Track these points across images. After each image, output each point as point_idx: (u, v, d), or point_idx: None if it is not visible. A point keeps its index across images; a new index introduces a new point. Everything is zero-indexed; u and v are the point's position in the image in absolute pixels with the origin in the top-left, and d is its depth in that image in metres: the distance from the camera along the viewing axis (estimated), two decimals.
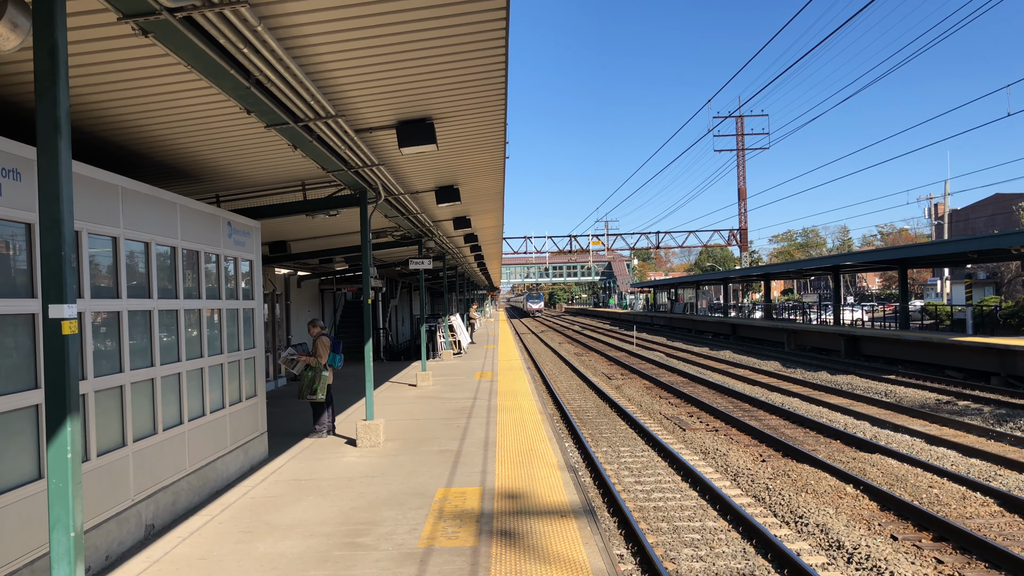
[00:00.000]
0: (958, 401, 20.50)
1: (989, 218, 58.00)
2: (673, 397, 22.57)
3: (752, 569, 8.50)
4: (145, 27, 5.08)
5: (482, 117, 9.33)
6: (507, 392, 18.45)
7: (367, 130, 9.07)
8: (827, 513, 10.38)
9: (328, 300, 29.09)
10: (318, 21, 5.70)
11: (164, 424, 8.17)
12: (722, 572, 8.46)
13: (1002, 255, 30.25)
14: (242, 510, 8.59)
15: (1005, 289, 46.60)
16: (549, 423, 14.02)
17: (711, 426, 17.47)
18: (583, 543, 7.16)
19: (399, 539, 7.40)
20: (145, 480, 7.70)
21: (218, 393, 9.70)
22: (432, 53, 6.74)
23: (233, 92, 6.59)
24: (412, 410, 15.89)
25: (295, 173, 11.41)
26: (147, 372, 7.83)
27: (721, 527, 10.01)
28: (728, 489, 11.89)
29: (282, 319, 22.43)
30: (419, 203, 15.61)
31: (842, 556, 8.89)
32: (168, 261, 8.49)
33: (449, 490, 9.22)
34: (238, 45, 5.60)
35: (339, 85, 7.28)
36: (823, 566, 8.57)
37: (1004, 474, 12.33)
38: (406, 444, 12.17)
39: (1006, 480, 11.92)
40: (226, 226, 10.15)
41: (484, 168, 12.99)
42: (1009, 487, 11.54)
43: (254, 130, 8.43)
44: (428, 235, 20.42)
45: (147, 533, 7.69)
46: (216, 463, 9.50)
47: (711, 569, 8.55)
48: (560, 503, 8.54)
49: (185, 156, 9.39)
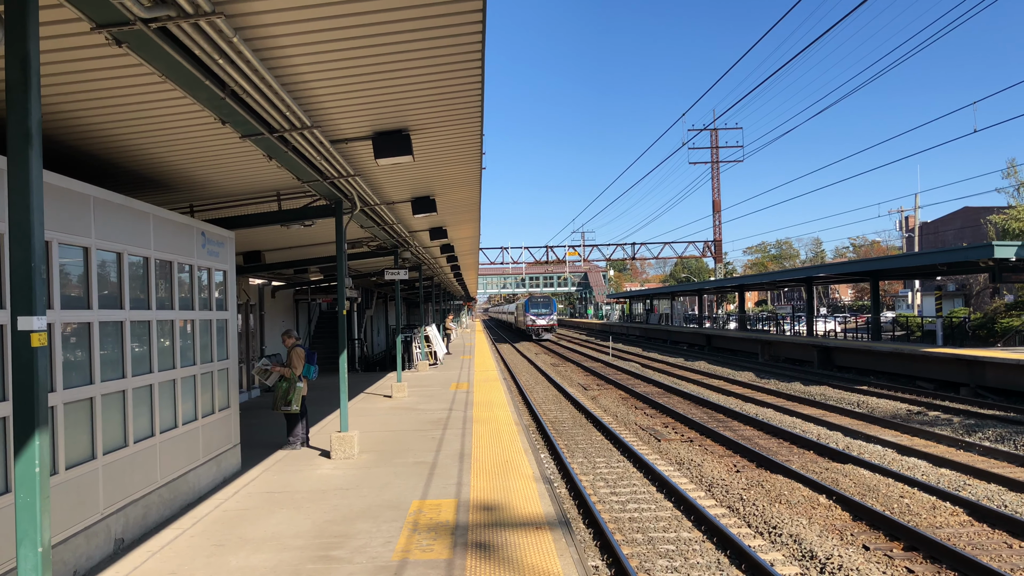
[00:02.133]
0: (929, 412, 20.76)
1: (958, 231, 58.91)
2: (648, 408, 22.65)
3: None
4: (119, 37, 5.05)
5: (459, 129, 9.35)
6: (483, 403, 18.43)
7: (343, 141, 9.05)
8: (800, 523, 10.45)
9: (303, 310, 28.91)
10: (294, 33, 5.70)
11: (135, 436, 8.07)
12: None
13: (971, 267, 30.72)
14: (214, 523, 8.49)
15: (974, 301, 47.30)
16: (525, 434, 14.01)
17: (686, 437, 17.55)
18: (558, 555, 7.16)
19: (373, 552, 7.35)
20: (115, 493, 7.60)
21: (191, 405, 9.60)
22: (409, 65, 6.75)
23: (208, 103, 6.56)
24: (387, 421, 15.82)
25: (270, 183, 11.36)
26: (118, 384, 7.73)
27: (696, 538, 10.05)
28: (703, 500, 11.95)
29: (256, 330, 22.25)
30: (395, 214, 15.59)
31: (815, 566, 8.95)
32: (140, 271, 8.41)
33: (424, 502, 9.18)
34: (213, 56, 5.58)
35: (315, 96, 7.27)
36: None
37: (973, 484, 12.49)
38: (381, 456, 12.11)
39: (975, 490, 12.08)
40: (200, 236, 10.08)
41: (461, 179, 13.01)
42: (978, 497, 11.69)
43: (229, 140, 8.38)
44: (404, 246, 20.38)
45: (116, 547, 7.58)
46: (188, 476, 9.39)
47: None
48: (535, 515, 8.54)
49: (159, 166, 9.32)
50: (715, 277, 75.68)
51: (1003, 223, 43.72)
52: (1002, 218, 44.24)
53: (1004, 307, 38.05)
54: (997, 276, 26.62)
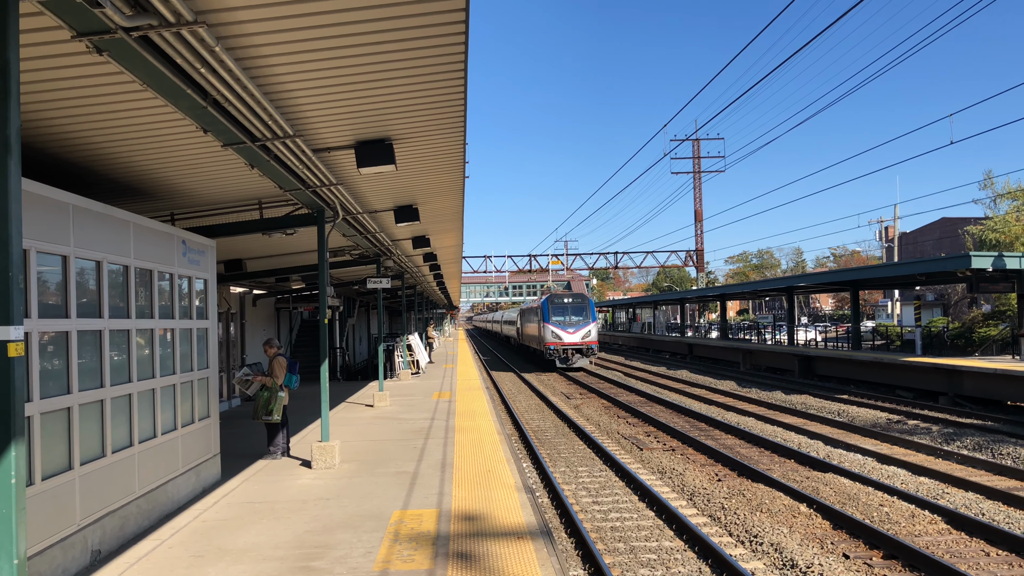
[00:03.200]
0: (908, 420, 20.93)
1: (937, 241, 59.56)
2: (631, 417, 22.70)
3: None
4: (100, 45, 5.03)
5: (441, 138, 9.36)
6: (465, 412, 18.39)
7: (325, 150, 9.04)
8: (781, 532, 10.50)
9: (284, 319, 28.75)
10: (277, 43, 5.70)
11: (113, 446, 7.99)
12: None
13: (949, 277, 31.05)
14: (193, 534, 8.42)
15: (952, 310, 47.82)
16: (507, 443, 14.00)
17: (668, 445, 17.59)
18: (539, 565, 7.16)
19: (354, 562, 7.31)
20: (92, 504, 7.52)
21: (170, 414, 9.52)
22: (392, 75, 6.77)
23: (190, 111, 6.53)
24: (369, 431, 15.75)
25: (252, 192, 11.32)
26: (96, 393, 7.66)
27: (677, 547, 10.07)
28: (684, 509, 11.98)
29: (237, 338, 22.11)
30: (378, 222, 15.57)
31: (796, 575, 9.00)
32: (120, 280, 8.35)
33: (405, 512, 9.15)
34: (195, 65, 5.56)
35: (297, 105, 7.26)
36: None
37: (951, 492, 12.60)
38: (362, 466, 12.05)
39: (953, 498, 12.18)
40: (181, 244, 10.02)
41: (444, 188, 13.02)
42: (956, 505, 11.79)
43: (211, 149, 8.35)
44: (387, 254, 20.35)
45: (93, 559, 7.50)
46: (167, 486, 9.31)
47: None
48: (517, 524, 8.53)
49: (140, 174, 9.27)
50: (697, 286, 76.01)
51: (980, 234, 44.26)
52: (979, 229, 44.79)
53: (981, 317, 38.49)
54: (975, 286, 26.91)
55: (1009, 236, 41.14)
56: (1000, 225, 42.72)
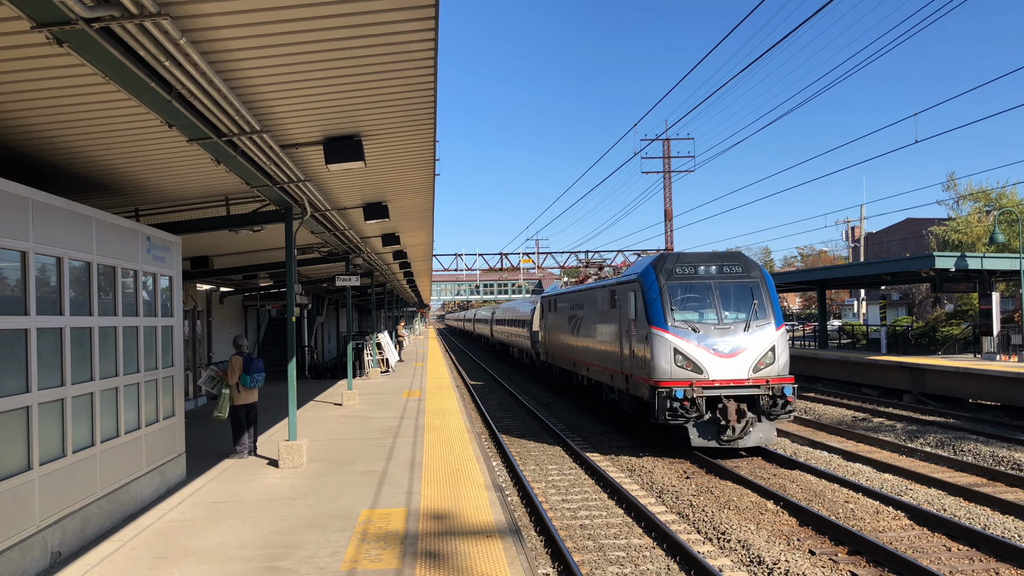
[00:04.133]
0: (873, 418, 21.23)
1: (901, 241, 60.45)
2: (601, 416, 22.75)
3: None
4: (60, 37, 4.92)
5: (411, 135, 9.30)
6: (435, 411, 18.33)
7: (293, 146, 8.94)
8: (748, 529, 10.59)
9: (252, 317, 28.45)
10: (244, 36, 5.61)
11: (74, 446, 7.83)
12: None
13: (914, 277, 31.58)
14: (156, 535, 8.29)
15: (917, 309, 48.59)
16: (477, 442, 13.97)
17: (638, 443, 17.66)
18: (508, 563, 7.14)
19: (321, 562, 7.25)
20: (52, 505, 7.36)
21: (133, 413, 9.36)
22: (361, 71, 6.70)
23: (154, 105, 6.42)
24: (337, 430, 15.63)
25: (219, 188, 11.17)
26: (57, 392, 7.50)
27: (646, 544, 10.12)
28: (653, 506, 12.03)
29: (203, 336, 21.84)
30: (347, 219, 15.45)
31: (763, 571, 9.07)
32: (82, 277, 8.18)
33: (374, 511, 9.08)
34: (159, 58, 5.46)
35: (265, 100, 7.17)
36: None
37: (915, 488, 12.80)
38: (330, 465, 11.95)
39: (916, 494, 12.37)
40: (145, 241, 9.86)
41: (414, 185, 12.95)
42: (919, 501, 11.98)
43: (176, 144, 8.22)
44: (356, 252, 20.21)
45: (53, 561, 7.35)
46: (130, 486, 9.16)
47: None
48: (486, 523, 8.50)
49: (103, 169, 9.10)
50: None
51: (943, 234, 45.03)
52: (942, 230, 45.58)
53: (944, 316, 39.17)
54: (938, 286, 27.39)
55: (971, 237, 41.92)
56: (962, 226, 43.52)
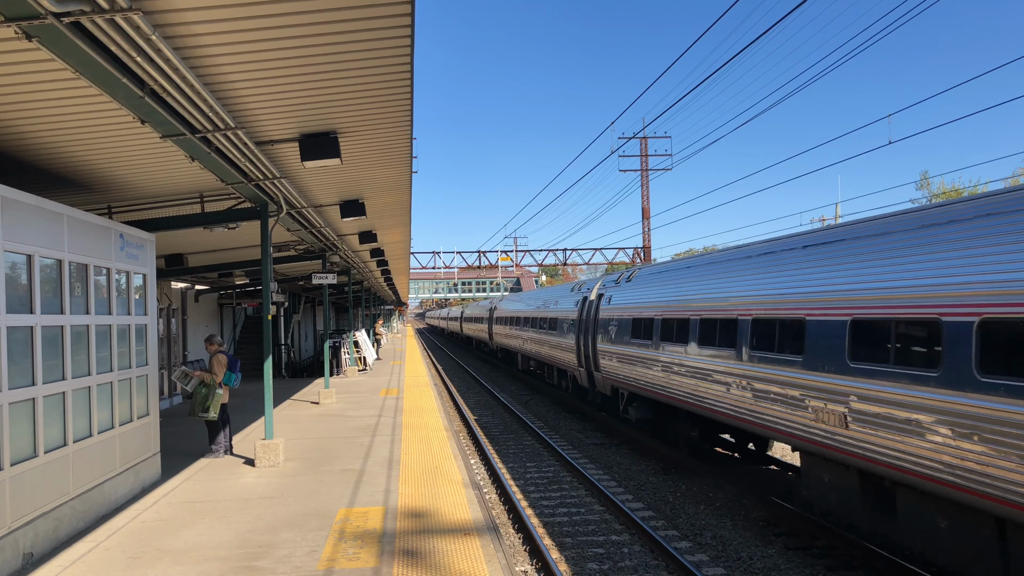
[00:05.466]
0: None
1: None
2: (580, 414, 22.80)
3: None
4: (29, 31, 4.85)
5: (388, 132, 9.26)
6: (413, 409, 18.28)
7: (268, 143, 8.88)
8: (725, 525, 10.66)
9: (227, 315, 28.21)
10: (217, 32, 5.56)
11: (46, 446, 7.73)
12: None
13: None
14: (131, 535, 8.21)
15: None
16: (455, 440, 13.95)
17: (616, 440, 17.73)
18: (486, 561, 7.14)
19: (298, 561, 7.21)
20: (24, 506, 7.26)
21: (107, 413, 9.25)
22: (337, 68, 6.66)
23: (126, 101, 6.34)
24: (314, 429, 15.55)
25: (193, 185, 11.06)
26: (28, 392, 7.40)
27: (624, 540, 10.16)
28: (631, 503, 12.08)
29: (178, 335, 21.63)
30: (323, 217, 15.37)
31: (740, 567, 9.15)
32: (54, 274, 8.08)
33: (351, 510, 9.05)
34: (131, 53, 5.39)
35: (239, 97, 7.11)
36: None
37: None
38: (307, 464, 11.89)
39: None
40: (118, 238, 9.74)
41: (390, 183, 12.89)
42: None
43: (149, 140, 8.13)
44: (333, 249, 20.10)
45: (25, 562, 7.26)
46: (104, 486, 9.05)
47: None
48: (464, 521, 8.50)
49: (75, 165, 8.98)
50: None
51: None
52: None
53: None
54: None
55: None
56: None
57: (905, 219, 8.37)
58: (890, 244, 8.28)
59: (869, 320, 8.20)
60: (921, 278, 7.55)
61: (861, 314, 8.32)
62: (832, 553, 9.45)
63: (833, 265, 9.20)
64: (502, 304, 37.63)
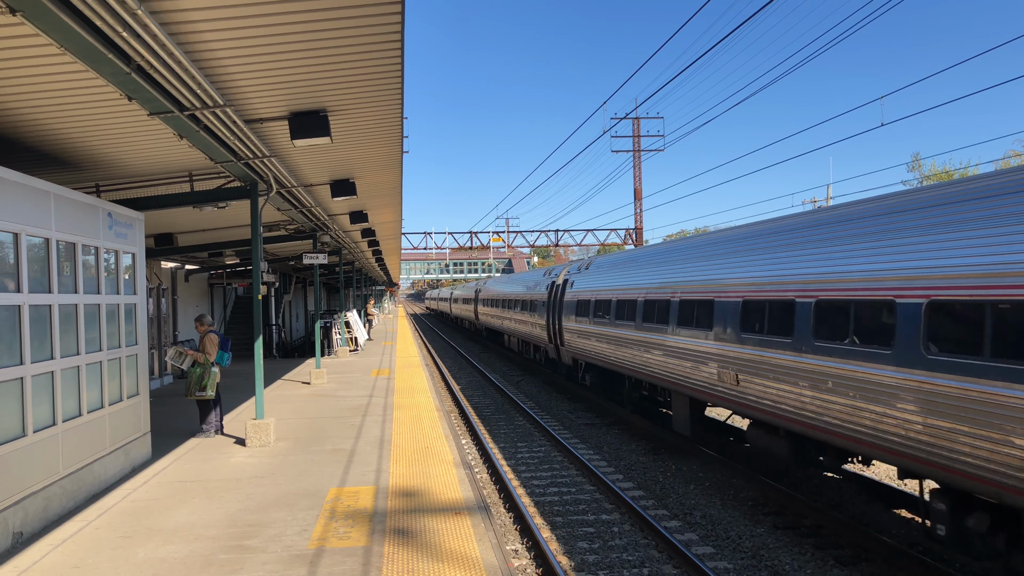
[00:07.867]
0: None
1: None
2: (571, 395, 22.88)
3: (643, 560, 8.72)
4: (13, 5, 4.77)
5: (379, 110, 9.19)
6: (404, 389, 18.30)
7: (258, 121, 8.80)
8: (714, 504, 10.73)
9: (218, 295, 28.12)
10: (206, 7, 5.48)
11: (35, 426, 7.70)
12: (615, 564, 8.63)
13: None
14: (121, 514, 8.20)
15: None
16: (447, 420, 13.98)
17: (607, 421, 17.80)
18: (476, 540, 7.17)
19: (288, 540, 7.22)
20: (12, 486, 7.24)
21: (96, 392, 9.22)
22: (327, 44, 6.59)
23: (112, 78, 6.26)
24: (305, 409, 15.55)
25: (182, 163, 10.98)
26: (15, 371, 7.36)
27: (614, 520, 10.22)
28: (621, 483, 12.14)
29: (168, 314, 21.55)
30: (314, 196, 15.28)
31: (729, 545, 9.21)
32: (41, 253, 8.01)
33: (342, 490, 9.06)
34: (117, 29, 5.31)
35: (228, 74, 7.03)
36: (710, 556, 8.87)
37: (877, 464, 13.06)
38: (298, 443, 11.89)
39: (878, 469, 12.61)
40: (107, 217, 9.67)
41: (381, 162, 12.82)
42: (880, 477, 12.20)
43: (137, 118, 8.05)
44: (323, 229, 20.01)
45: (15, 541, 7.25)
46: (94, 465, 9.04)
47: (604, 561, 8.71)
48: (455, 500, 8.53)
49: (61, 143, 8.89)
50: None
51: None
52: None
53: None
54: None
55: None
56: None
57: (867, 208, 8.78)
58: (853, 231, 8.71)
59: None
60: (879, 263, 7.98)
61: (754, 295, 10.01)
62: (820, 532, 9.54)
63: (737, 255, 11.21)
64: (487, 286, 41.43)
